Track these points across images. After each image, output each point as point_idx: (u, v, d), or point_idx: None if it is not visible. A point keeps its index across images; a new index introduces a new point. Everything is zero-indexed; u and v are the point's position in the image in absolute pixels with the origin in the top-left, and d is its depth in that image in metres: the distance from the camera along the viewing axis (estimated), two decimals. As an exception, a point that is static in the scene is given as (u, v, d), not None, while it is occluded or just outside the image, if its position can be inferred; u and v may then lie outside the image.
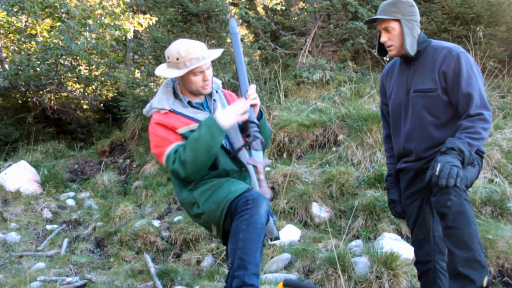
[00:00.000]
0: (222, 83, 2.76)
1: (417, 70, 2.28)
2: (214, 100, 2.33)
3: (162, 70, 2.22)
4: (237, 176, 2.25)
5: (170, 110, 2.19)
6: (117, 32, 9.03)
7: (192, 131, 2.14)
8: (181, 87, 2.26)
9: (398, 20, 2.22)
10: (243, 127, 2.24)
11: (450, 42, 2.32)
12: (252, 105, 2.19)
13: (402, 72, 2.36)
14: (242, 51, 2.35)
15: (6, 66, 8.29)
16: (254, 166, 2.13)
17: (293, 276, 3.22)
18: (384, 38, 2.27)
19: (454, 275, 2.01)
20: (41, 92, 8.91)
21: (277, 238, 2.34)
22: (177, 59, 2.11)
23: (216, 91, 2.37)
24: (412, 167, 2.32)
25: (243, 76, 2.28)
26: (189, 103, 2.25)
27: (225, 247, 2.33)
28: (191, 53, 2.11)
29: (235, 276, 1.91)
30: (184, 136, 2.14)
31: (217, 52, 2.23)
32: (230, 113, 2.11)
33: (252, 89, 2.21)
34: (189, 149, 2.06)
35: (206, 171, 2.16)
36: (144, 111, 2.30)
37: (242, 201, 1.99)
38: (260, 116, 2.29)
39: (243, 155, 2.25)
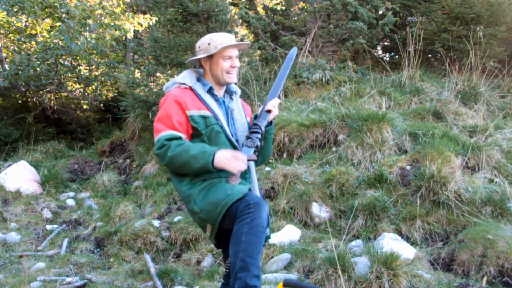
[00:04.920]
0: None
1: None
2: (231, 98, 2.43)
3: (191, 58, 2.38)
4: None
5: (190, 87, 2.30)
6: (117, 32, 9.02)
7: (203, 116, 2.23)
8: (206, 74, 2.38)
9: None
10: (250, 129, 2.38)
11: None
12: (268, 111, 2.32)
13: None
14: (287, 74, 2.50)
15: (6, 66, 8.28)
16: None
17: (293, 276, 3.22)
18: None
19: None
20: (41, 92, 8.90)
21: (268, 237, 2.36)
22: (209, 43, 2.29)
23: (235, 93, 2.47)
24: None
25: (275, 92, 2.43)
26: (210, 89, 2.34)
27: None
28: (222, 38, 2.29)
29: (238, 277, 1.95)
30: (192, 119, 2.21)
31: (246, 44, 2.40)
32: (228, 158, 2.10)
33: (275, 100, 2.36)
34: (178, 151, 2.13)
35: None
36: (164, 87, 2.41)
37: (243, 205, 2.03)
38: (269, 124, 2.39)
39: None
